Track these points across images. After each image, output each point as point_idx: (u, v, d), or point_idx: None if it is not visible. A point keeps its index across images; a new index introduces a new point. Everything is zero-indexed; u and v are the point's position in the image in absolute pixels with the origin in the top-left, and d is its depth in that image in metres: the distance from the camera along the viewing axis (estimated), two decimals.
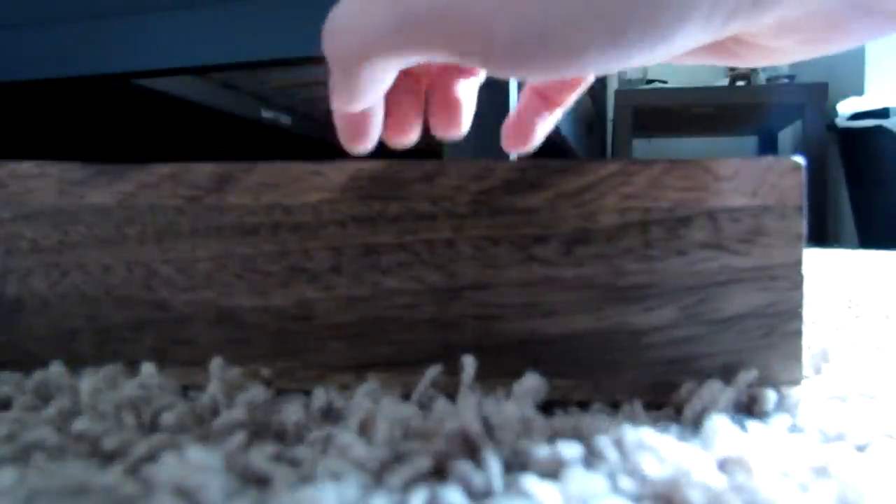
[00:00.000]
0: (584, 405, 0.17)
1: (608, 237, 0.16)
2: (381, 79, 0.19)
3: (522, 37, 0.15)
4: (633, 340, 0.17)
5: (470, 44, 0.15)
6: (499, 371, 0.16)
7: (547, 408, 0.16)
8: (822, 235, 1.55)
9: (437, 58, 0.17)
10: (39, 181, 0.18)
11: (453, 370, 0.16)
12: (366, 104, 0.19)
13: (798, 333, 0.16)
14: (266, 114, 1.47)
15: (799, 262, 0.16)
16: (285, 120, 1.55)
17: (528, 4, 0.15)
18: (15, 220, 0.18)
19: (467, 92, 0.26)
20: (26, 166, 0.18)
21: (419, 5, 0.16)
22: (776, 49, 0.18)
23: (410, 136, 0.24)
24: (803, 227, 0.16)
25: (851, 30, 0.17)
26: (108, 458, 0.13)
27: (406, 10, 0.16)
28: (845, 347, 0.25)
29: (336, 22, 0.17)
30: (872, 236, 1.58)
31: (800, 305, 0.16)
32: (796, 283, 0.16)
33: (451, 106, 0.25)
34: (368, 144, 0.22)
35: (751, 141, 2.06)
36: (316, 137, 1.70)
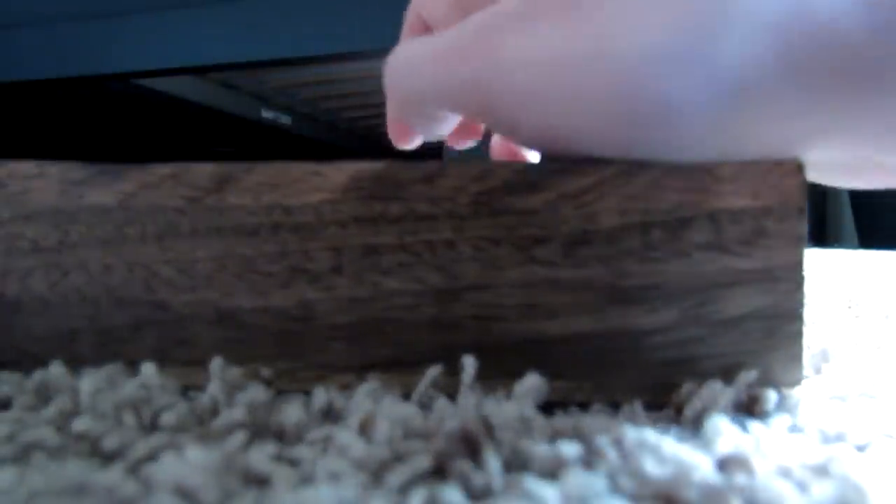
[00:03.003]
0: (584, 406, 0.17)
1: (609, 239, 0.16)
2: (439, 119, 0.21)
3: (545, 133, 0.16)
4: (634, 342, 0.16)
5: (499, 125, 0.17)
6: (499, 372, 0.16)
7: (547, 408, 0.16)
8: (822, 235, 1.55)
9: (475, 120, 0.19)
10: (39, 181, 0.18)
11: (453, 371, 0.16)
12: (438, 135, 0.23)
13: (799, 335, 0.16)
14: (266, 114, 1.48)
15: (800, 264, 0.16)
16: (285, 120, 1.55)
17: (553, 107, 0.16)
18: (15, 219, 0.18)
19: None
20: (26, 166, 0.18)
21: (460, 75, 0.17)
22: None
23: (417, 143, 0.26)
24: (805, 228, 0.16)
25: (870, 180, 0.18)
26: (108, 458, 0.13)
27: (446, 77, 0.17)
28: (845, 347, 0.25)
29: (394, 63, 0.19)
30: (872, 236, 1.58)
31: (801, 307, 0.16)
32: (798, 284, 0.16)
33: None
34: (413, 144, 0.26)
35: None
36: (316, 137, 1.70)
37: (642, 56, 0.15)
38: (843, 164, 0.17)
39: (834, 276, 0.60)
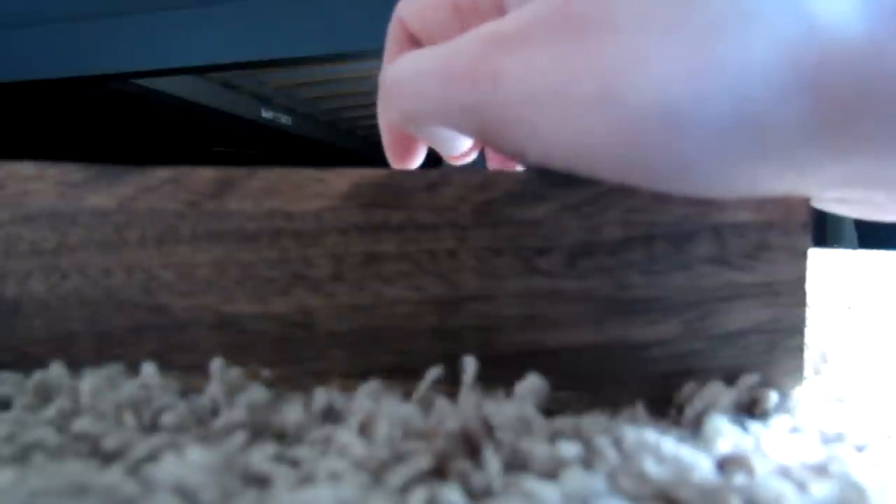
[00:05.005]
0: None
1: (611, 250, 0.16)
2: (443, 135, 0.20)
3: (550, 161, 0.16)
4: (635, 354, 0.16)
5: (503, 150, 0.17)
6: (499, 382, 0.16)
7: (546, 411, 0.16)
8: (822, 235, 1.55)
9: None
10: (38, 183, 0.18)
11: (454, 380, 0.16)
12: (450, 151, 0.22)
13: (800, 350, 0.16)
14: (266, 114, 1.47)
15: (803, 279, 0.16)
16: (285, 120, 1.55)
17: (558, 142, 0.15)
18: (13, 221, 0.18)
19: None
20: (25, 167, 0.18)
21: (460, 100, 0.16)
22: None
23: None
24: (809, 243, 0.16)
25: (872, 214, 0.18)
26: (108, 458, 0.13)
27: (446, 101, 0.17)
28: (845, 347, 0.25)
29: (395, 80, 0.18)
30: (872, 236, 1.57)
31: (803, 322, 0.16)
32: (800, 299, 0.16)
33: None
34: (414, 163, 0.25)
35: None
36: (316, 138, 1.70)
37: (653, 105, 0.14)
38: (845, 200, 0.17)
39: (834, 276, 0.60)
